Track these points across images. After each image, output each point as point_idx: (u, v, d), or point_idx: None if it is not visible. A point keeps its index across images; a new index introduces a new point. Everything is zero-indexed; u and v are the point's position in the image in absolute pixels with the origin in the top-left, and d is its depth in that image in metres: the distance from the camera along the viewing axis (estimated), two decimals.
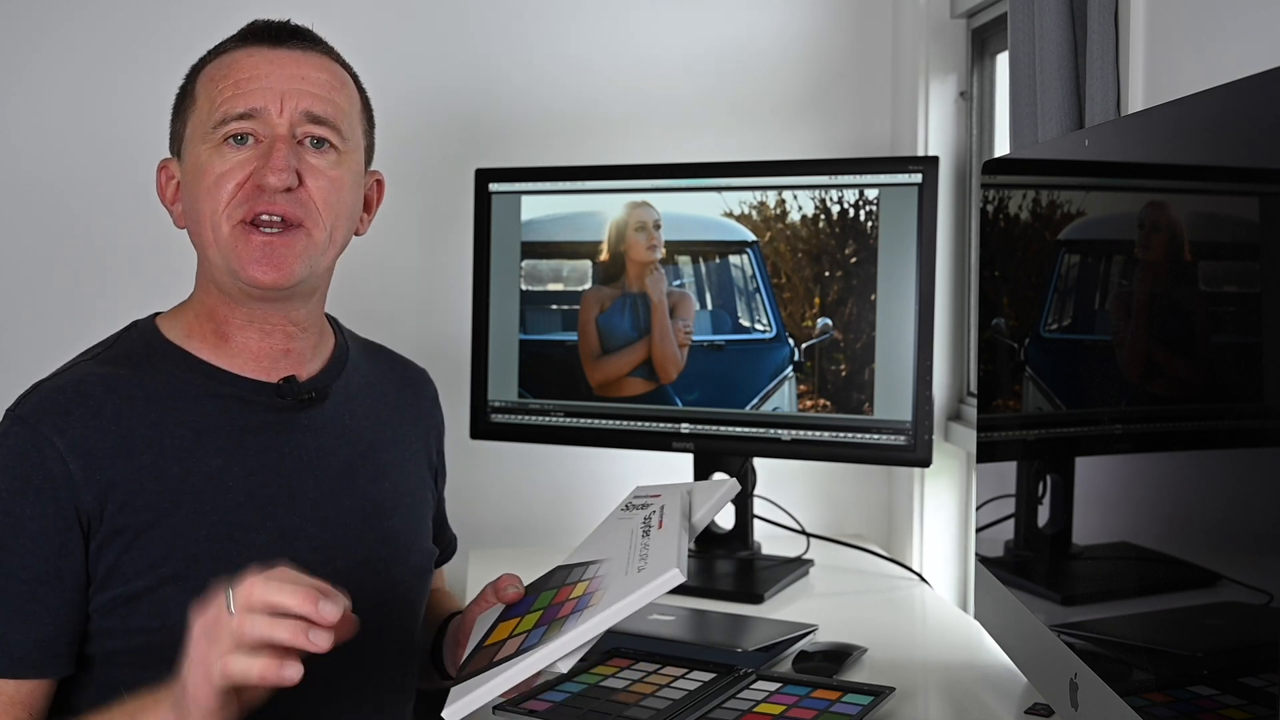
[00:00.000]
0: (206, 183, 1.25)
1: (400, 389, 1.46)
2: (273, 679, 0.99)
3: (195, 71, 1.32)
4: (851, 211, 1.84)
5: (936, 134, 2.13)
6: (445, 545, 1.57)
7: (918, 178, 1.80)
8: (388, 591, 1.33)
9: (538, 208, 2.00)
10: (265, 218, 1.24)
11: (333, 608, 1.00)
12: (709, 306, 1.92)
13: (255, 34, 1.30)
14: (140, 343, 1.30)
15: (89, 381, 1.23)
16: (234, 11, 1.40)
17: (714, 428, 1.92)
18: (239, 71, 1.27)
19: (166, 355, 1.28)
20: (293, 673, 0.99)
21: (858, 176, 1.84)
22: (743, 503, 1.98)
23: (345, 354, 1.40)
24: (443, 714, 1.09)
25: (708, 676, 1.41)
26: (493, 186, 2.03)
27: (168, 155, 1.34)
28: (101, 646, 1.21)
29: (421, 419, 1.48)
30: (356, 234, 1.36)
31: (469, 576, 1.92)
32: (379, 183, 1.41)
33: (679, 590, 1.82)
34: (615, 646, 1.50)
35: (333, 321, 1.43)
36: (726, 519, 2.00)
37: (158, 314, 1.35)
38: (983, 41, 2.11)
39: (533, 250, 2.01)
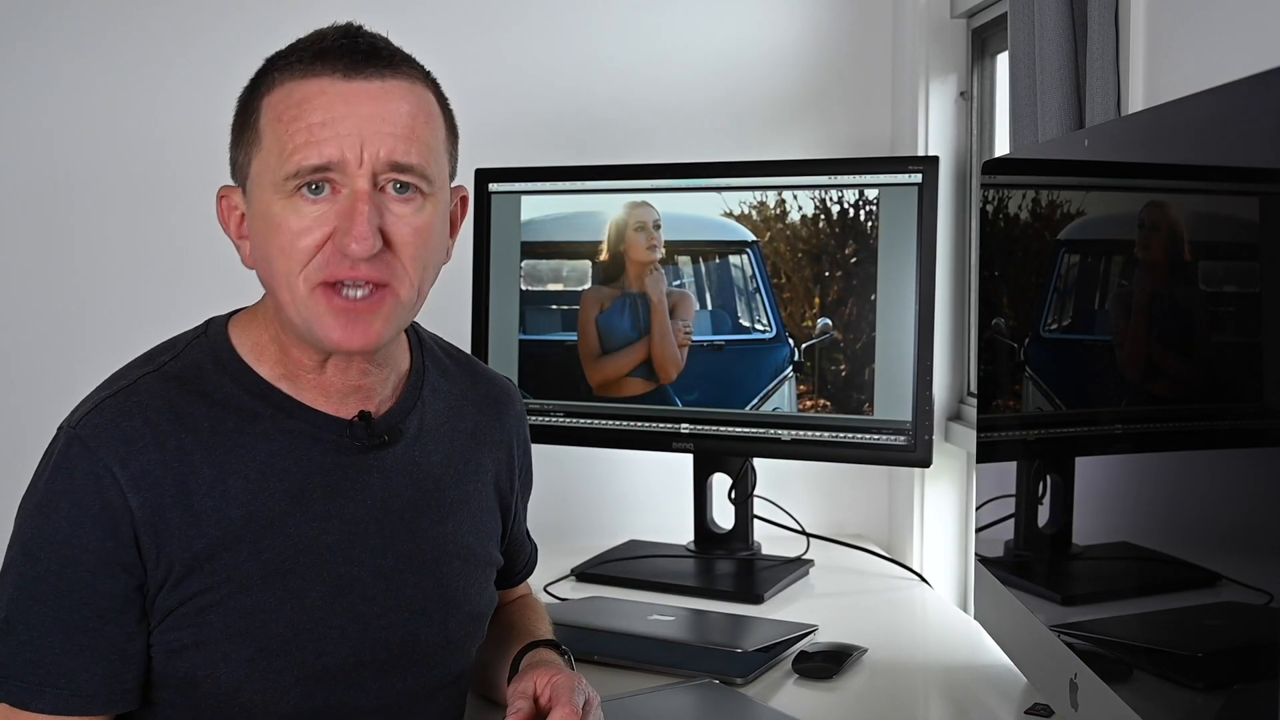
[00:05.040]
0: (281, 241, 1.12)
1: (480, 410, 1.35)
2: None
3: (257, 97, 1.16)
4: (851, 211, 1.84)
5: (936, 134, 2.13)
6: (526, 559, 1.50)
7: (918, 178, 1.80)
8: (440, 640, 1.26)
9: (538, 208, 2.00)
10: (349, 284, 1.13)
11: None
12: (709, 306, 1.92)
13: (324, 58, 1.13)
14: (210, 355, 1.20)
15: (154, 407, 1.15)
16: (243, 12, 1.39)
17: (714, 428, 1.92)
18: (310, 113, 1.11)
19: (236, 376, 1.19)
20: None
21: (858, 176, 1.84)
22: (743, 503, 1.98)
23: (421, 381, 1.29)
24: None
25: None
26: (493, 186, 2.03)
27: (229, 183, 1.21)
28: (148, 688, 1.17)
29: (503, 440, 1.37)
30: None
31: None
32: (463, 200, 1.27)
33: (679, 590, 1.84)
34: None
35: (414, 334, 1.33)
36: (726, 519, 2.00)
37: (233, 314, 1.25)
38: (983, 41, 2.11)
39: (533, 250, 2.01)
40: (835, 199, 1.85)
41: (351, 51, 1.13)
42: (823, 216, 1.85)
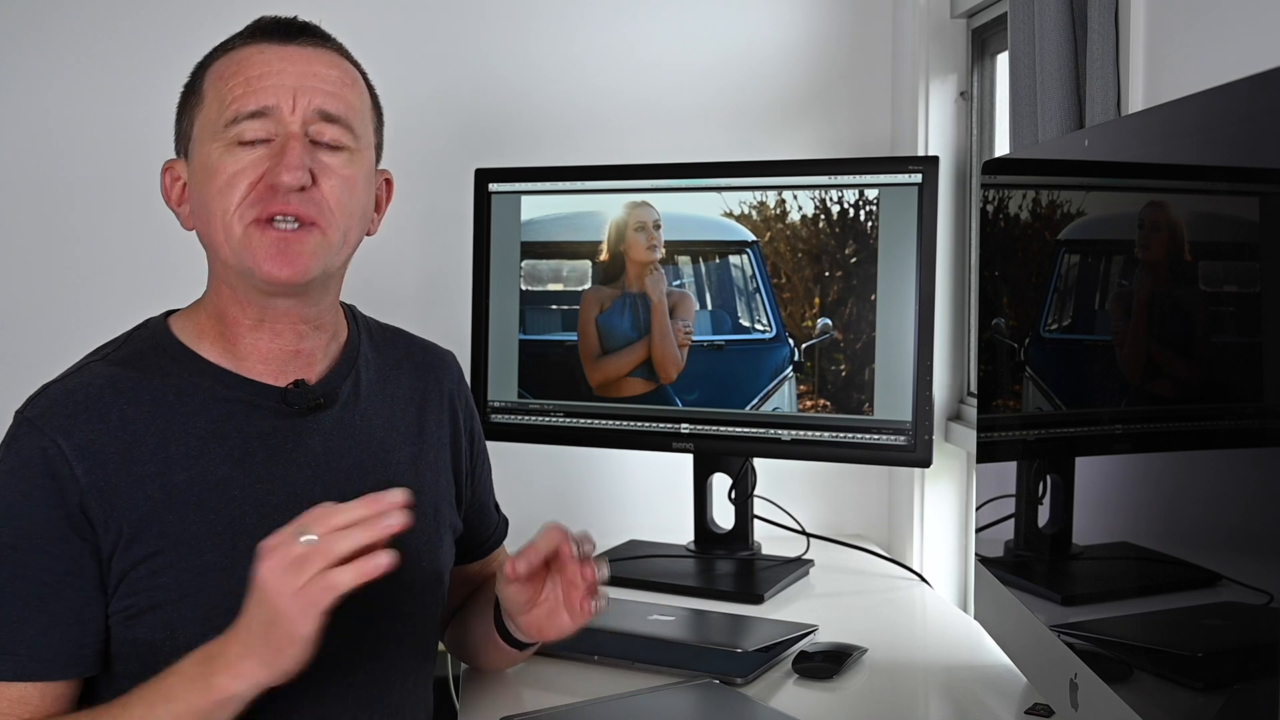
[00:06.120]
0: (219, 183, 1.22)
1: (414, 376, 1.42)
2: (374, 571, 1.07)
3: (202, 69, 1.29)
4: (851, 211, 1.84)
5: (936, 134, 2.13)
6: (493, 529, 1.55)
7: (918, 178, 1.80)
8: (401, 594, 1.30)
9: (538, 208, 2.00)
10: (279, 218, 1.22)
11: (395, 498, 1.10)
12: (709, 306, 1.92)
13: (264, 31, 1.27)
14: (150, 343, 1.28)
15: (96, 384, 1.22)
16: (242, 12, 1.39)
17: (714, 428, 1.92)
18: (249, 68, 1.24)
19: (175, 357, 1.27)
20: (386, 559, 1.07)
21: (858, 176, 1.84)
22: (743, 503, 1.98)
23: (357, 350, 1.36)
24: None
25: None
26: (493, 186, 2.03)
27: (172, 156, 1.31)
28: (110, 660, 1.21)
29: (444, 403, 1.43)
30: (367, 234, 1.33)
31: None
32: (388, 182, 1.38)
33: (679, 590, 1.84)
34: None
35: (349, 311, 1.40)
36: (726, 519, 2.00)
37: (171, 312, 1.33)
38: (983, 41, 2.11)
39: (533, 250, 2.01)
40: (835, 199, 1.85)
41: (287, 26, 1.28)
42: (823, 216, 1.85)
